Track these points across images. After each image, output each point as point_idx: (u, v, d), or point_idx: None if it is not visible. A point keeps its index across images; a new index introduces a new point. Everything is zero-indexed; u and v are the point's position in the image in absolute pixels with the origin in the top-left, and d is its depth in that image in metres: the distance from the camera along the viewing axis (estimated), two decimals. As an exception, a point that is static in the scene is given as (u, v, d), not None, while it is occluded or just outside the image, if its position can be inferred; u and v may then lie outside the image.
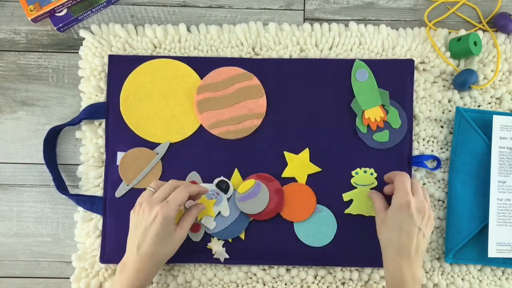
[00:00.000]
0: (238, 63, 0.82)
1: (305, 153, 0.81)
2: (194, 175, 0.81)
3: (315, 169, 0.81)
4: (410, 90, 0.82)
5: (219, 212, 0.80)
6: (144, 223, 0.71)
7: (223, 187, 0.80)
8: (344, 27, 0.84)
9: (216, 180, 0.81)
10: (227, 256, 0.80)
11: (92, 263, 0.81)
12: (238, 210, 0.80)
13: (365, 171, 0.81)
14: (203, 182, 0.81)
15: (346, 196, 0.80)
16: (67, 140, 0.85)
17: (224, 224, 0.80)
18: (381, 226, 0.73)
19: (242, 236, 0.80)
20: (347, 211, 0.80)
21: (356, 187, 0.81)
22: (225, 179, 0.81)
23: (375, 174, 0.81)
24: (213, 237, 0.80)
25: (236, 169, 0.81)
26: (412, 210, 0.70)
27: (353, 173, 0.81)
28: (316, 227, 0.80)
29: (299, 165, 0.81)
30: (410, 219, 0.70)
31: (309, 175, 0.81)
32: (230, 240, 0.80)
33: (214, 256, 0.80)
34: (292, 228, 0.80)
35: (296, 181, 0.81)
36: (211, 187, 0.80)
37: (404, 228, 0.70)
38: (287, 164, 0.81)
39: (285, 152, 0.81)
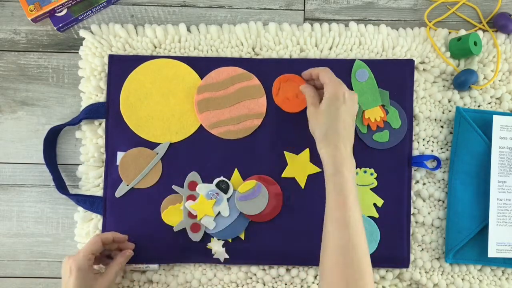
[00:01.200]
0: (238, 63, 0.82)
1: (305, 153, 0.81)
2: (194, 175, 0.81)
3: (315, 169, 0.81)
4: (410, 90, 0.82)
5: (219, 212, 0.80)
6: (63, 279, 0.71)
7: (223, 187, 0.80)
8: (344, 27, 0.84)
9: (216, 180, 0.81)
10: (227, 256, 0.80)
11: (92, 263, 0.81)
12: (238, 210, 0.80)
13: (365, 171, 0.81)
14: (203, 182, 0.81)
15: (346, 196, 0.80)
16: (67, 140, 0.85)
17: (224, 224, 0.80)
18: (315, 118, 0.74)
19: (242, 236, 0.80)
20: (347, 211, 0.80)
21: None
22: (225, 179, 0.81)
23: (375, 174, 0.81)
24: (213, 237, 0.80)
25: (236, 169, 0.81)
26: (347, 99, 0.73)
27: (353, 173, 0.81)
28: None
29: (299, 165, 0.81)
30: (345, 106, 0.73)
31: (309, 175, 0.81)
32: (230, 240, 0.80)
33: (214, 256, 0.80)
34: (292, 229, 0.80)
35: (296, 181, 0.81)
36: (211, 187, 0.80)
37: (340, 118, 0.72)
38: (287, 164, 0.81)
39: (285, 152, 0.81)
